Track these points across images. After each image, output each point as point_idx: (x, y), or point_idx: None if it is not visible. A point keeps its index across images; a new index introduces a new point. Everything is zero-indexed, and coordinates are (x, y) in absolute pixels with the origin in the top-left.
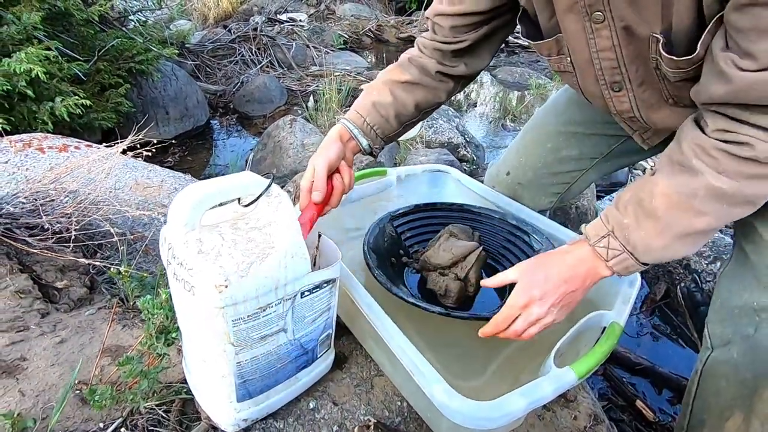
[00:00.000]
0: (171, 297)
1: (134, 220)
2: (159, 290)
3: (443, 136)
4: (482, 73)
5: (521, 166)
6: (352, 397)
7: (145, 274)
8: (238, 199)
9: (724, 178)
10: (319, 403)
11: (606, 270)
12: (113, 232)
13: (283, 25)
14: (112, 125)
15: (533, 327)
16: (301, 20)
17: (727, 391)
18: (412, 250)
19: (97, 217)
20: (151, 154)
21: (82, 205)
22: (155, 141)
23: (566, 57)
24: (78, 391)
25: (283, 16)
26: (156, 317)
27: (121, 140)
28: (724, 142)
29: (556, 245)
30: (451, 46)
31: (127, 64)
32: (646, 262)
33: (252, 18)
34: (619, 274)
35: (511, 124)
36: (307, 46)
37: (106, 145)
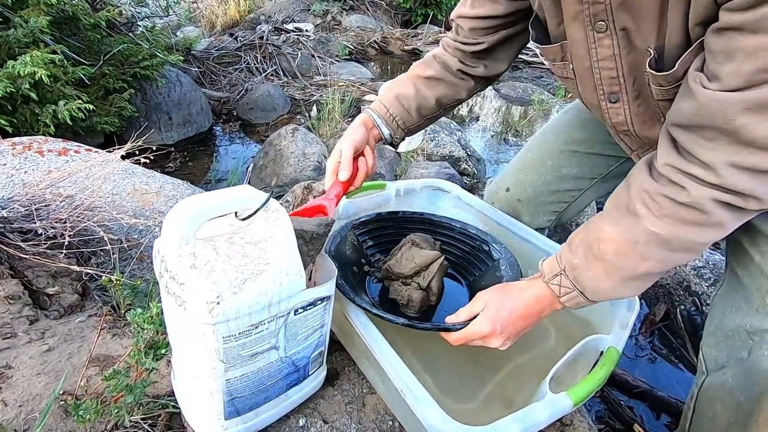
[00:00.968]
0: (162, 310)
1: (130, 226)
2: (150, 303)
3: (444, 149)
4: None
5: (521, 182)
6: (343, 415)
7: (138, 282)
8: (236, 212)
9: (662, 223)
10: (309, 420)
11: (559, 305)
12: (107, 239)
13: (289, 35)
14: (115, 129)
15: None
16: (307, 30)
17: (722, 416)
18: (374, 259)
19: (92, 223)
20: (149, 161)
21: (78, 211)
22: (155, 147)
23: (569, 64)
24: (62, 402)
25: (290, 26)
26: (146, 332)
27: (120, 146)
28: (666, 185)
29: (515, 255)
30: (471, 47)
31: (132, 69)
32: (595, 300)
33: (259, 27)
34: (572, 309)
35: (513, 139)
36: (313, 56)
37: (106, 151)
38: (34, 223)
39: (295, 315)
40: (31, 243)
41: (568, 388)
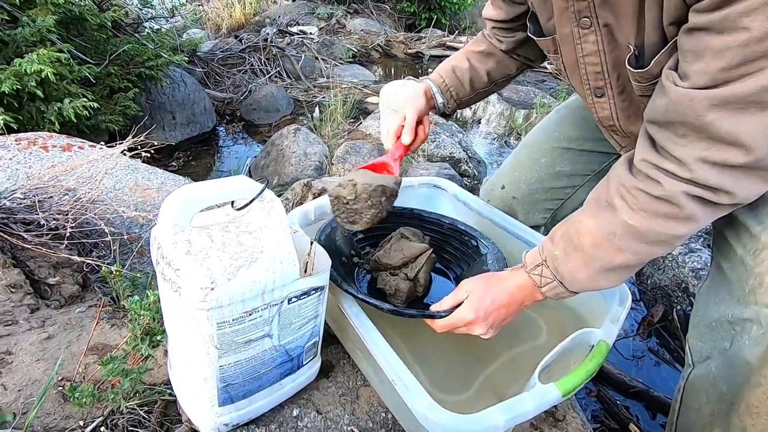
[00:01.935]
0: (159, 298)
1: (131, 220)
2: (148, 291)
3: (445, 151)
4: None
5: (516, 180)
6: (337, 407)
7: (138, 275)
8: (232, 203)
9: (638, 216)
10: (303, 411)
11: (540, 295)
12: (108, 232)
13: (293, 37)
14: (119, 128)
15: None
16: (311, 33)
17: (707, 407)
18: (364, 251)
19: (94, 216)
20: (150, 155)
21: (80, 204)
22: (155, 143)
23: (560, 57)
24: (60, 388)
25: (294, 29)
26: (143, 318)
27: (121, 141)
28: (642, 180)
29: (510, 253)
30: (499, 44)
31: (138, 69)
32: (575, 291)
33: (263, 29)
34: (554, 299)
35: (515, 142)
36: (316, 59)
37: (108, 145)
38: (37, 215)
39: (289, 304)
40: (33, 234)
41: (557, 380)
